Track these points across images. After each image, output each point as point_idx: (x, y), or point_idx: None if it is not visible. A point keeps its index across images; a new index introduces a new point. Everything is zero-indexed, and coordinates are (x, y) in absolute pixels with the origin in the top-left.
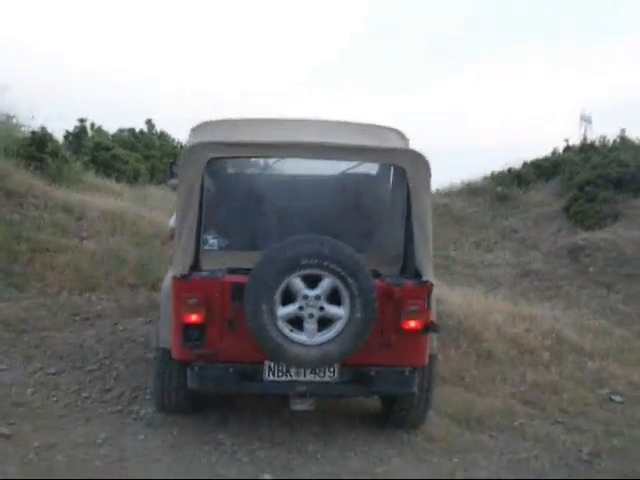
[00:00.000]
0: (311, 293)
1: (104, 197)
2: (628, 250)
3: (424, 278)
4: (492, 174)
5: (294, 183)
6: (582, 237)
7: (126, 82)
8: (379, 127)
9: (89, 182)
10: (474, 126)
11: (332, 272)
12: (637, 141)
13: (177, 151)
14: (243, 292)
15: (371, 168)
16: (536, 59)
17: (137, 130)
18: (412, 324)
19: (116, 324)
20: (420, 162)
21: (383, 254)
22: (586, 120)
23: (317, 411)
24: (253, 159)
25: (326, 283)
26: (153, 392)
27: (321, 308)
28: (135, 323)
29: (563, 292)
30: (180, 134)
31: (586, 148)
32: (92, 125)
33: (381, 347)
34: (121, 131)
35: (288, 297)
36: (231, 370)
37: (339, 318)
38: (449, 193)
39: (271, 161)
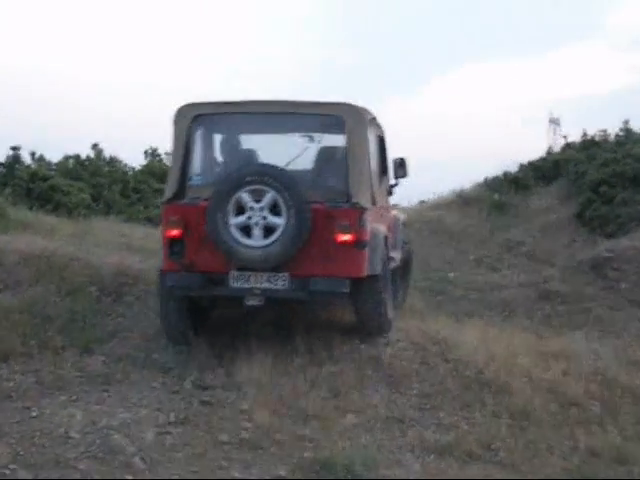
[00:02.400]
0: (256, 205)
1: (31, 236)
2: None
3: (356, 201)
4: (486, 180)
5: (262, 139)
6: (605, 247)
7: (72, 105)
8: (338, 102)
9: (16, 219)
10: (443, 138)
11: (272, 187)
12: None
13: (129, 178)
14: (207, 219)
15: (320, 124)
16: (496, 73)
17: (84, 156)
18: (345, 237)
19: (28, 408)
20: (354, 111)
21: (330, 189)
22: (554, 122)
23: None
24: (234, 120)
25: (268, 197)
26: (160, 317)
27: (264, 217)
28: (56, 405)
29: (593, 316)
30: (132, 157)
31: (587, 144)
32: (33, 154)
33: (322, 260)
34: (66, 158)
35: (239, 210)
36: (203, 277)
37: (279, 226)
38: (438, 206)
39: (246, 122)
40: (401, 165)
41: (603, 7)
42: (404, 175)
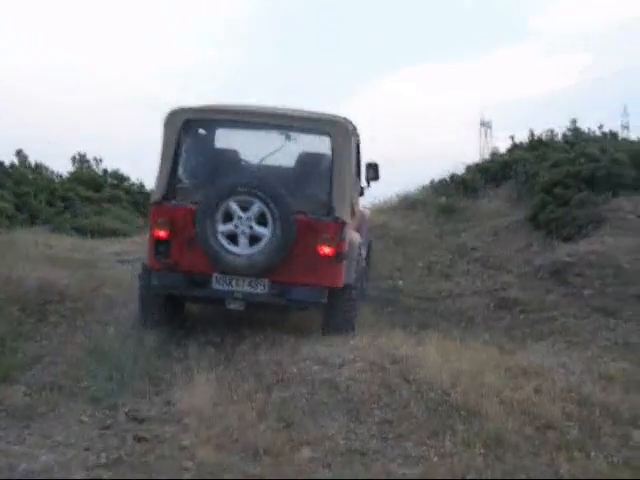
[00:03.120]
0: (244, 215)
1: None
2: (626, 263)
3: (338, 215)
4: (432, 183)
5: (250, 145)
6: (565, 252)
7: None
8: (330, 114)
9: None
10: (378, 142)
11: (259, 199)
12: (592, 132)
13: (56, 185)
14: (196, 224)
15: (308, 137)
16: (430, 76)
17: (7, 163)
18: (326, 250)
19: None
20: (340, 128)
21: (313, 200)
22: (486, 125)
23: None
24: (222, 125)
25: (255, 208)
26: (138, 308)
27: (251, 227)
28: None
29: (558, 326)
30: (60, 164)
31: (535, 144)
32: None
33: (302, 269)
34: None
35: (227, 218)
36: (187, 278)
37: (264, 236)
38: (382, 210)
39: (237, 128)
40: (374, 169)
41: (529, 12)
42: (376, 179)
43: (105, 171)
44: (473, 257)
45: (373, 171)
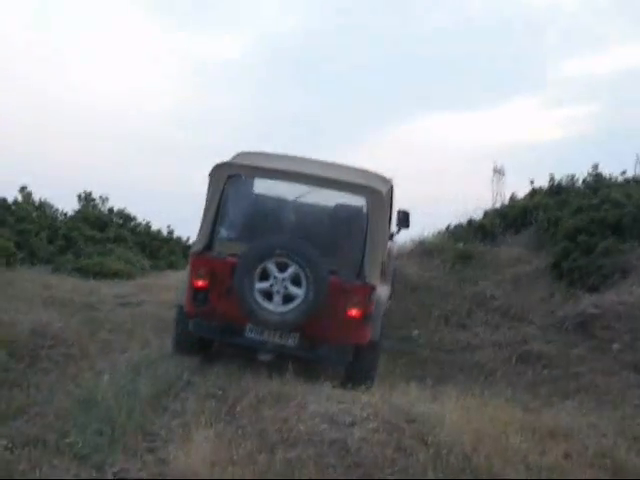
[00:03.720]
0: (280, 275)
1: None
2: None
3: (367, 280)
4: (448, 228)
5: (288, 203)
6: (590, 302)
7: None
8: (368, 171)
9: None
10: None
11: (296, 262)
12: (614, 178)
13: (58, 223)
14: (234, 279)
15: (344, 199)
16: (441, 123)
17: (10, 200)
18: (354, 312)
19: None
20: (375, 195)
21: (345, 260)
22: (499, 172)
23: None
24: (264, 180)
25: (291, 270)
26: (172, 337)
27: (286, 287)
28: None
29: (585, 383)
30: (65, 202)
31: (555, 189)
32: None
33: (330, 327)
34: None
35: (264, 276)
36: (222, 325)
37: (298, 296)
38: (397, 255)
39: (278, 185)
40: (405, 218)
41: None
42: (407, 227)
43: (111, 210)
44: (492, 307)
45: (404, 219)
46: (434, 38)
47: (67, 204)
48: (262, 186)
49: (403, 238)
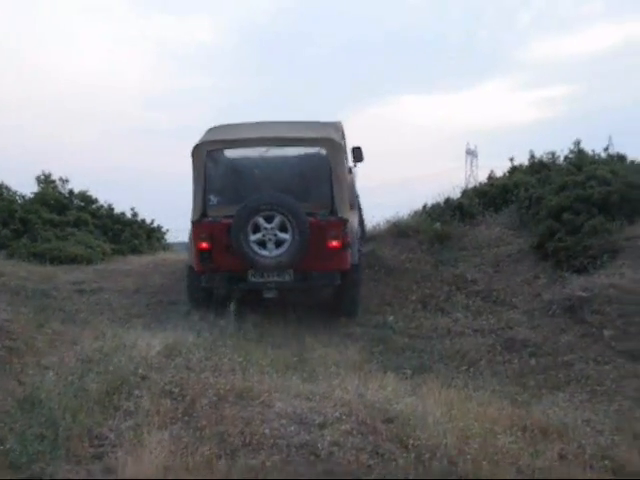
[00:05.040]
0: (269, 226)
1: None
2: None
3: (340, 215)
4: (425, 208)
5: (264, 162)
6: (579, 285)
7: None
8: (321, 122)
9: None
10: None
11: (280, 212)
12: (597, 155)
13: (15, 206)
14: (231, 237)
15: (307, 152)
16: (414, 105)
17: None
18: (334, 244)
19: None
20: (333, 143)
21: (318, 203)
22: (471, 154)
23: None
24: (239, 150)
25: (277, 220)
26: (186, 293)
27: (275, 234)
28: None
29: (576, 372)
30: (24, 184)
31: (536, 167)
32: None
33: (317, 259)
34: None
35: (256, 229)
36: (229, 276)
37: (286, 240)
38: (372, 237)
39: (250, 150)
40: (358, 153)
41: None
42: (361, 160)
43: (71, 192)
44: (473, 290)
45: (358, 154)
46: (409, 21)
47: (28, 188)
48: (237, 154)
49: (377, 219)
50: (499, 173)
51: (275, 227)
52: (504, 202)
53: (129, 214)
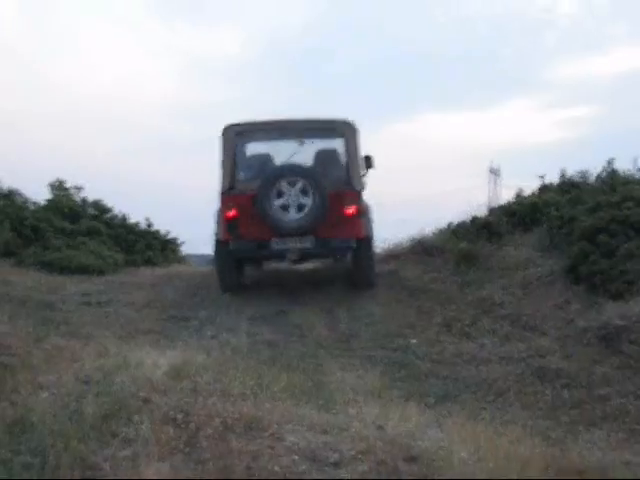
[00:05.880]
0: (291, 190)
1: None
2: None
3: (355, 187)
4: (450, 226)
5: (286, 144)
6: (615, 312)
7: None
8: (340, 118)
9: None
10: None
11: (302, 177)
12: (628, 174)
13: (26, 214)
14: (256, 203)
15: (327, 142)
16: (438, 124)
17: None
18: (350, 211)
19: None
20: (349, 127)
21: (336, 179)
22: (494, 173)
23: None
24: (263, 133)
25: (299, 185)
26: (217, 276)
27: (297, 199)
28: None
29: (613, 408)
30: (37, 191)
31: (567, 186)
32: None
33: (335, 226)
34: None
35: (279, 194)
36: (253, 243)
37: (307, 204)
38: (394, 255)
39: (272, 136)
40: (368, 160)
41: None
42: (371, 167)
43: (84, 200)
44: (500, 314)
45: (368, 161)
46: (433, 38)
47: (41, 195)
48: (262, 138)
49: (400, 237)
50: (532, 189)
51: (297, 192)
52: (533, 222)
53: (144, 224)
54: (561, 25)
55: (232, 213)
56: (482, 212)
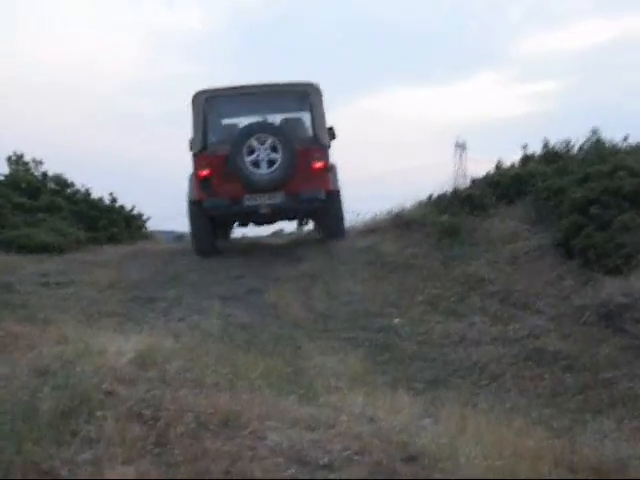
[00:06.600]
0: (262, 147)
1: None
2: None
3: (322, 142)
4: (430, 198)
5: (254, 107)
6: (615, 289)
7: None
8: (302, 81)
9: None
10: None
11: (271, 134)
12: (614, 144)
13: None
14: (229, 160)
15: (295, 96)
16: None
17: None
18: (318, 165)
19: None
20: (314, 89)
21: (304, 137)
22: (461, 147)
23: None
24: (232, 98)
25: (269, 141)
26: (191, 238)
27: (268, 154)
28: None
29: (620, 392)
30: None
31: (549, 156)
32: None
33: (304, 181)
34: None
35: (251, 151)
36: (226, 200)
37: (277, 159)
38: (372, 230)
39: (240, 100)
40: (330, 130)
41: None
42: (334, 137)
43: (44, 175)
44: (488, 291)
45: (330, 131)
46: (399, 11)
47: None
48: (231, 102)
49: (377, 210)
50: (491, 167)
51: (267, 148)
52: (518, 194)
53: (108, 200)
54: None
55: (206, 172)
56: (449, 186)
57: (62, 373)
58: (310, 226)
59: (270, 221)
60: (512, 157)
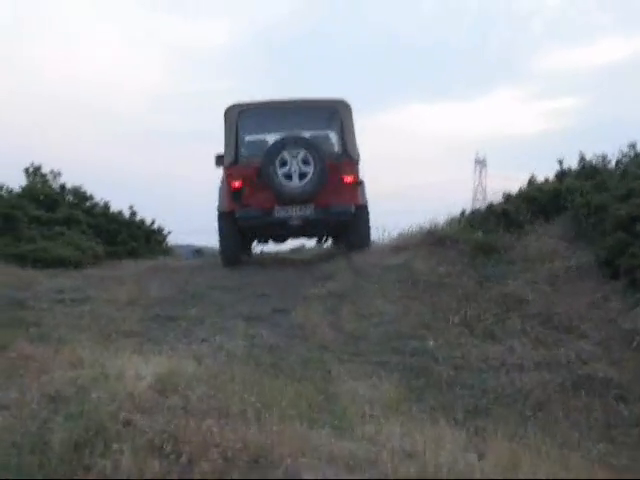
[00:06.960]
0: (294, 160)
1: None
2: None
3: (352, 157)
4: (463, 214)
5: (286, 122)
6: None
7: None
8: (332, 98)
9: None
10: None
11: (303, 147)
12: None
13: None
14: (261, 172)
15: (326, 112)
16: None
17: None
18: (348, 179)
19: None
20: (344, 104)
21: (334, 151)
22: (480, 163)
23: None
24: (264, 112)
25: (301, 154)
26: (220, 248)
27: (300, 167)
28: None
29: None
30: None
31: (587, 172)
32: None
33: (334, 194)
34: None
35: (283, 163)
36: (257, 211)
37: (309, 172)
38: (404, 247)
39: (272, 115)
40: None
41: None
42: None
43: (63, 187)
44: (528, 312)
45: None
46: (419, 28)
47: (16, 181)
48: (262, 116)
49: (409, 226)
50: (514, 184)
51: (299, 161)
52: (555, 210)
53: (127, 213)
54: (547, 16)
55: (238, 183)
56: (498, 199)
57: (76, 400)
58: (329, 243)
59: (297, 234)
60: (525, 174)
